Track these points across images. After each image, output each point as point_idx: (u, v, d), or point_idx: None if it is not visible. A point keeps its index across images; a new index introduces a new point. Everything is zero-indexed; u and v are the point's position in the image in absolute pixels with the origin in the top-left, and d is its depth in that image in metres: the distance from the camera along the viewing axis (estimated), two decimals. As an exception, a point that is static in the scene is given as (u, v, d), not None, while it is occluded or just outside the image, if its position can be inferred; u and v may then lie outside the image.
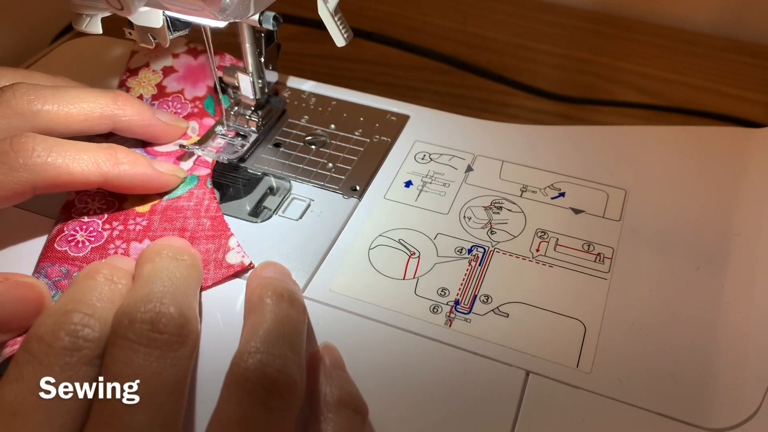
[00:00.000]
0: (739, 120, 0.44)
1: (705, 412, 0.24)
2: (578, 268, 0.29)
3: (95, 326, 0.21)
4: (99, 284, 0.23)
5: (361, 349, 0.26)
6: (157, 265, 0.25)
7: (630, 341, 0.26)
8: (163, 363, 0.21)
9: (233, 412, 0.21)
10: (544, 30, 0.53)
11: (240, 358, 0.22)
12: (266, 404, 0.21)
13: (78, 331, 0.21)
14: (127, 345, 0.21)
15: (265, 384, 0.21)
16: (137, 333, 0.21)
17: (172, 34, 0.31)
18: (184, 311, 0.23)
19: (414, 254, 0.29)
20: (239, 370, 0.22)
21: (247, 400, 0.21)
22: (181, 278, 0.24)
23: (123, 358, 0.21)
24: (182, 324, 0.22)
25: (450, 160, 0.34)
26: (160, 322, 0.22)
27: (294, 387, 0.22)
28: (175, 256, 0.25)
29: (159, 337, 0.21)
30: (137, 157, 0.30)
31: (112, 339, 0.21)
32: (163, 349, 0.21)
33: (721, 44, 0.51)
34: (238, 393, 0.21)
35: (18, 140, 0.27)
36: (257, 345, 0.22)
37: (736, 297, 0.27)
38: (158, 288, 0.23)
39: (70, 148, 0.28)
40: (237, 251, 0.29)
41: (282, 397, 0.21)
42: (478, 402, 0.24)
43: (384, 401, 0.25)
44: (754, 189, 0.32)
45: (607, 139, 0.35)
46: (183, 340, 0.22)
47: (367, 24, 0.51)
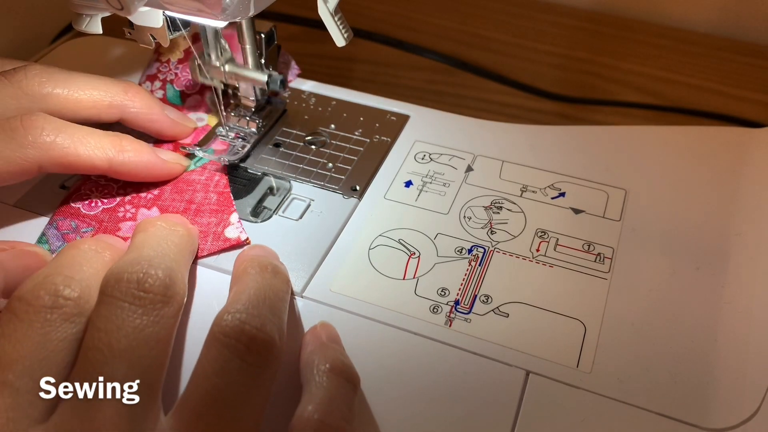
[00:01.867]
0: (739, 120, 0.43)
1: (705, 412, 0.24)
2: (578, 268, 0.29)
3: (75, 287, 0.22)
4: (83, 252, 0.24)
5: (361, 349, 0.26)
6: (149, 233, 0.25)
7: (630, 341, 0.26)
8: (146, 320, 0.21)
9: (211, 366, 0.21)
10: (544, 30, 0.53)
11: (221, 317, 0.23)
12: (244, 359, 0.22)
13: (58, 291, 0.22)
14: (112, 302, 0.22)
15: (243, 339, 0.22)
16: (123, 291, 0.22)
17: (172, 33, 0.31)
18: (171, 274, 0.23)
19: (414, 254, 0.29)
20: (219, 327, 0.22)
21: (226, 355, 0.22)
22: (171, 245, 0.25)
23: (107, 313, 0.21)
24: (168, 285, 0.23)
25: (450, 160, 0.34)
26: (146, 282, 0.22)
27: (272, 345, 0.22)
28: (168, 227, 0.26)
29: (144, 295, 0.22)
30: (142, 145, 0.31)
31: (100, 298, 0.22)
32: (146, 307, 0.22)
33: (721, 44, 0.51)
34: (216, 347, 0.22)
35: (29, 118, 0.27)
36: (238, 307, 0.23)
37: (736, 297, 0.27)
38: (147, 252, 0.24)
39: (78, 131, 0.28)
40: (236, 226, 0.30)
41: (260, 354, 0.22)
42: (478, 402, 0.24)
43: (384, 401, 0.25)
44: (754, 189, 0.32)
45: (607, 139, 0.35)
46: (167, 300, 0.22)
47: (367, 24, 0.51)
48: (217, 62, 0.33)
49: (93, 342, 0.21)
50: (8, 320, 0.21)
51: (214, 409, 0.21)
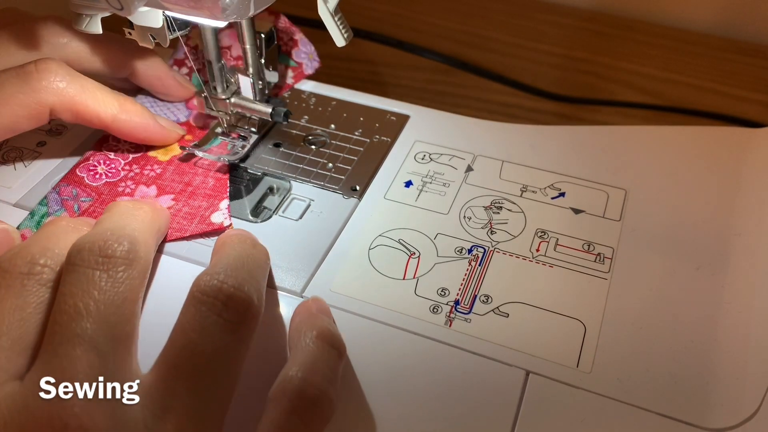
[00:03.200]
0: (739, 120, 0.43)
1: (705, 412, 0.24)
2: (578, 268, 0.29)
3: (51, 256, 0.23)
4: (60, 227, 0.25)
5: (361, 349, 0.26)
6: (113, 211, 0.26)
7: (630, 341, 0.26)
8: (110, 282, 0.22)
9: (189, 323, 0.22)
10: (544, 30, 0.53)
11: (199, 278, 0.23)
12: (221, 315, 0.22)
13: (35, 259, 0.23)
14: (77, 269, 0.22)
15: (221, 297, 0.22)
16: (86, 259, 0.22)
17: (172, 33, 0.31)
18: (133, 240, 0.24)
19: (414, 254, 0.29)
20: (197, 287, 0.23)
21: (203, 312, 0.22)
22: (133, 218, 0.26)
23: (72, 279, 0.22)
24: (129, 249, 0.23)
25: (450, 160, 0.34)
26: (107, 249, 0.23)
27: (250, 304, 0.23)
28: (132, 205, 0.27)
29: (106, 260, 0.23)
30: (143, 109, 0.32)
31: (65, 268, 0.23)
32: (110, 271, 0.22)
33: (721, 44, 0.51)
34: (194, 305, 0.22)
35: (43, 63, 0.29)
36: (217, 269, 0.24)
37: (736, 297, 0.27)
38: (108, 225, 0.25)
39: (88, 83, 0.30)
40: (223, 212, 0.30)
41: (238, 311, 0.23)
42: (478, 402, 0.24)
43: (384, 401, 0.25)
44: (754, 189, 0.32)
45: (607, 139, 0.35)
46: (130, 262, 0.23)
47: (367, 24, 0.51)
48: (223, 95, 0.34)
49: (60, 306, 0.22)
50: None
51: (190, 362, 0.21)
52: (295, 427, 0.21)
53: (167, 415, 0.20)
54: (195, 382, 0.21)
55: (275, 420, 0.21)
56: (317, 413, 0.22)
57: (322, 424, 0.22)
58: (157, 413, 0.20)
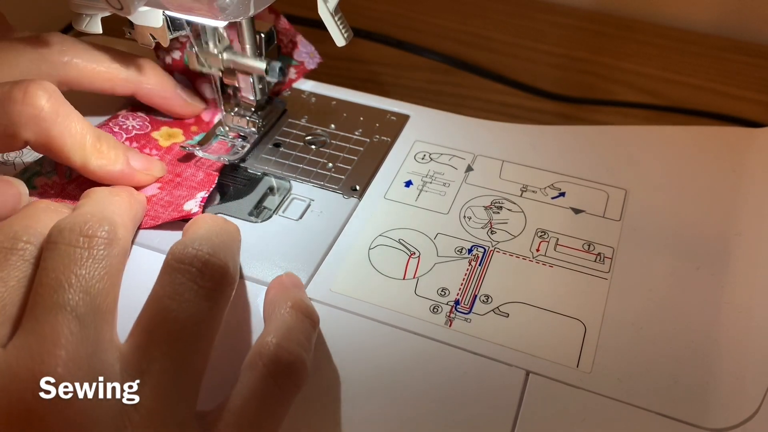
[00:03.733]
0: (739, 120, 0.43)
1: (705, 412, 0.24)
2: (578, 268, 0.29)
3: (34, 233, 0.24)
4: (41, 208, 0.26)
5: (362, 349, 0.26)
6: (91, 197, 0.27)
7: (630, 341, 0.26)
8: (90, 258, 0.23)
9: (164, 290, 0.23)
10: (544, 30, 0.53)
11: (174, 248, 0.24)
12: (196, 281, 0.23)
13: (19, 236, 0.23)
14: (58, 247, 0.23)
15: (196, 264, 0.23)
16: (66, 237, 0.23)
17: (172, 33, 0.31)
18: (112, 223, 0.24)
19: (414, 254, 0.29)
20: (172, 255, 0.23)
21: (178, 279, 0.23)
22: (111, 204, 0.27)
23: (54, 256, 0.22)
24: (109, 230, 0.24)
25: (450, 160, 0.34)
26: (89, 230, 0.23)
27: (225, 271, 0.23)
28: (109, 192, 0.28)
29: (87, 240, 0.23)
30: (119, 153, 0.30)
31: (47, 246, 0.23)
32: (90, 248, 0.23)
33: (721, 44, 0.51)
34: (169, 273, 0.23)
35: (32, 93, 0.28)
36: (192, 238, 0.24)
37: (736, 297, 0.27)
38: (87, 209, 0.25)
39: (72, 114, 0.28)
40: (196, 201, 0.31)
41: (213, 278, 0.23)
42: (478, 402, 0.24)
43: (384, 401, 0.25)
44: (754, 189, 0.32)
45: (607, 139, 0.35)
46: (110, 242, 0.24)
47: (367, 24, 0.50)
48: (215, 50, 0.33)
49: (41, 279, 0.22)
50: None
51: (164, 328, 0.22)
52: (269, 390, 0.22)
53: (143, 378, 0.21)
54: (170, 346, 0.22)
55: (250, 383, 0.22)
56: (291, 377, 0.23)
57: (296, 388, 0.23)
58: (135, 377, 0.21)
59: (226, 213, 0.31)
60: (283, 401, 0.23)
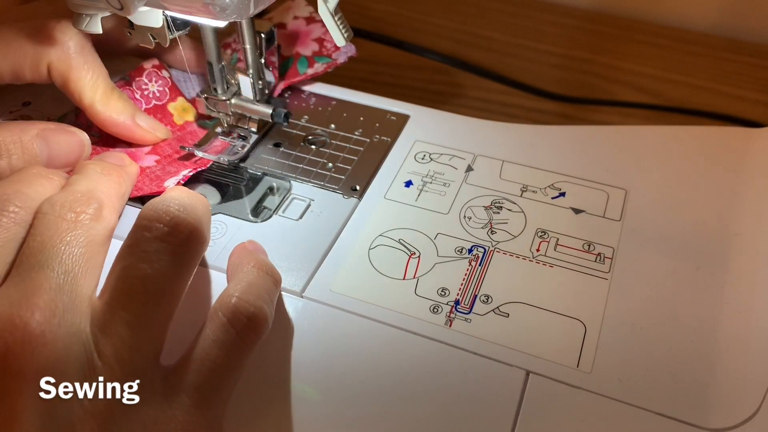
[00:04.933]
0: (739, 120, 0.43)
1: (705, 412, 0.24)
2: (578, 268, 0.29)
3: (24, 199, 0.24)
4: (32, 174, 0.26)
5: (361, 349, 0.26)
6: (83, 173, 0.27)
7: (630, 341, 0.26)
8: (76, 230, 0.24)
9: (128, 246, 0.23)
10: (544, 30, 0.53)
11: (144, 207, 0.24)
12: (162, 239, 0.23)
13: (10, 199, 0.24)
14: (47, 217, 0.24)
15: (163, 220, 0.23)
16: (56, 210, 0.24)
17: (172, 33, 0.31)
18: (101, 203, 0.25)
19: (414, 254, 0.29)
20: (141, 214, 0.24)
21: (144, 236, 0.23)
22: (102, 183, 0.27)
23: (42, 223, 0.23)
24: (97, 209, 0.25)
25: (450, 160, 0.34)
26: (78, 206, 0.24)
27: (193, 227, 0.24)
28: (101, 169, 0.28)
29: (74, 215, 0.24)
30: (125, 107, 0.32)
31: (37, 216, 0.24)
32: (77, 221, 0.24)
33: (721, 44, 0.51)
34: (135, 230, 0.24)
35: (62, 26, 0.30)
36: (161, 199, 0.25)
37: (736, 297, 0.27)
38: (79, 187, 0.26)
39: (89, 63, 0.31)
40: (177, 179, 0.31)
41: (180, 235, 0.24)
42: (478, 402, 0.24)
43: (384, 401, 0.25)
44: (754, 189, 0.32)
45: (607, 139, 0.35)
46: (97, 217, 0.25)
47: (367, 24, 0.50)
48: (224, 96, 0.34)
49: (28, 243, 0.23)
50: None
51: (128, 283, 0.22)
52: (230, 337, 0.23)
53: (109, 330, 0.22)
54: (130, 299, 0.22)
55: (212, 332, 0.23)
56: (251, 326, 0.24)
57: (255, 337, 0.24)
58: (101, 328, 0.22)
59: (226, 213, 0.31)
60: (243, 349, 0.24)
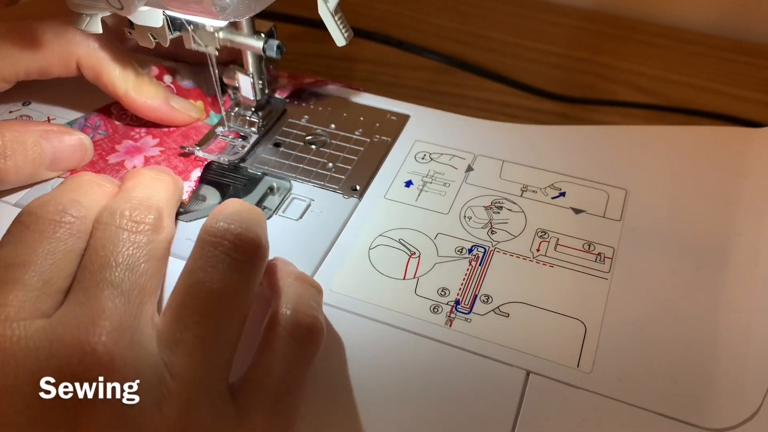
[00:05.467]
0: (739, 120, 0.43)
1: (705, 412, 0.24)
2: (579, 267, 0.29)
3: (80, 208, 0.24)
4: (86, 180, 0.27)
5: (361, 349, 0.26)
6: (138, 180, 0.28)
7: (630, 341, 0.26)
8: (138, 242, 0.24)
9: (196, 263, 0.23)
10: (544, 30, 0.53)
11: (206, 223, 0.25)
12: (228, 254, 0.23)
13: (66, 209, 0.24)
14: (108, 228, 0.24)
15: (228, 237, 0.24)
16: (117, 221, 0.24)
17: (172, 33, 0.31)
18: (160, 211, 0.25)
19: (414, 254, 0.29)
20: (205, 231, 0.24)
21: (211, 251, 0.24)
22: (160, 189, 0.27)
23: (103, 235, 0.24)
24: (156, 218, 0.25)
25: (450, 160, 0.34)
26: (138, 215, 0.24)
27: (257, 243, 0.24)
28: (155, 175, 0.28)
29: (135, 225, 0.24)
30: (158, 90, 0.34)
31: (95, 226, 0.24)
32: (139, 232, 0.24)
33: (721, 44, 0.51)
34: (202, 246, 0.24)
35: None
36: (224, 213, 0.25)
37: (736, 297, 0.27)
38: (137, 194, 0.26)
39: (116, 56, 0.32)
40: (190, 184, 0.31)
41: (245, 250, 0.24)
42: (478, 402, 0.24)
43: (384, 401, 0.25)
44: (754, 189, 0.32)
45: (607, 139, 0.35)
46: (156, 229, 0.25)
47: (367, 24, 0.50)
48: (211, 28, 0.32)
49: (90, 257, 0.23)
50: (20, 231, 0.23)
51: (198, 298, 0.22)
52: (292, 350, 0.23)
53: (178, 347, 0.22)
54: (202, 316, 0.22)
55: (273, 346, 0.23)
56: (312, 338, 0.24)
57: (316, 348, 0.24)
58: (170, 346, 0.22)
59: (226, 213, 0.31)
60: (306, 361, 0.24)
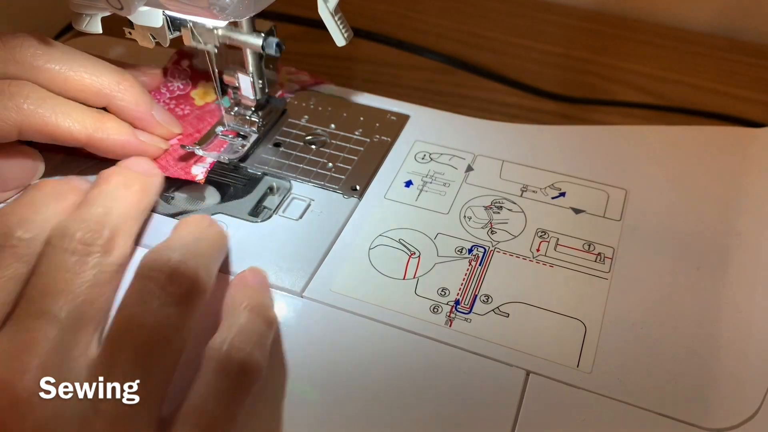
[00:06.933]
0: (739, 120, 0.43)
1: (705, 412, 0.24)
2: (579, 268, 0.29)
3: (30, 228, 0.24)
4: (44, 194, 0.25)
5: (362, 349, 0.26)
6: (102, 189, 0.27)
7: (630, 341, 0.26)
8: (84, 267, 0.23)
9: (129, 297, 0.23)
10: (544, 30, 0.53)
11: (146, 255, 0.24)
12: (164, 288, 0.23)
13: (12, 232, 0.23)
14: (54, 251, 0.23)
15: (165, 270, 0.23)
16: (65, 244, 0.23)
17: (172, 33, 0.31)
18: (115, 229, 0.25)
19: (414, 254, 0.29)
20: (143, 263, 0.24)
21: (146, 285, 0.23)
22: (122, 202, 0.26)
23: (48, 261, 0.23)
24: (109, 239, 0.24)
25: (450, 160, 0.34)
26: (88, 238, 0.24)
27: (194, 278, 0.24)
28: (123, 183, 0.27)
29: (84, 248, 0.23)
30: (122, 126, 0.31)
31: (44, 248, 0.23)
32: (86, 257, 0.23)
33: (721, 44, 0.51)
34: (138, 280, 0.23)
35: (17, 84, 0.28)
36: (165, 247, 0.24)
37: (736, 297, 0.27)
38: (95, 210, 0.25)
39: (61, 105, 0.29)
40: (204, 165, 0.32)
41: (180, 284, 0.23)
42: (478, 402, 0.24)
43: (384, 401, 0.25)
44: (754, 189, 0.32)
45: (607, 139, 0.35)
46: (106, 251, 0.24)
47: (367, 24, 0.50)
48: (210, 25, 0.31)
49: (32, 283, 0.22)
50: None
51: (129, 334, 0.22)
52: (224, 386, 0.23)
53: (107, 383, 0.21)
54: (134, 352, 0.22)
55: (206, 382, 0.23)
56: (243, 375, 0.23)
57: (250, 384, 0.23)
58: (103, 384, 0.21)
59: (226, 213, 0.31)
60: (237, 398, 0.23)
